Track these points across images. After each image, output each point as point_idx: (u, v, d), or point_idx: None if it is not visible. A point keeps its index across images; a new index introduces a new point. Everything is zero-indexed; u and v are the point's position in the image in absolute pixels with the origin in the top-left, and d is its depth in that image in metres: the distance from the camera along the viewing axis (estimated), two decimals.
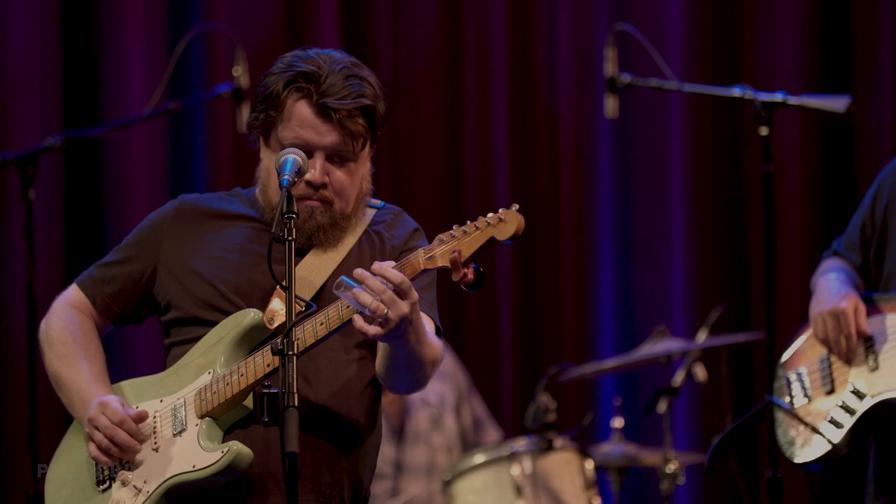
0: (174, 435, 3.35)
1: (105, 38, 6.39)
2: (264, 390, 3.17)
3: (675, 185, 7.05)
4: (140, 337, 6.12)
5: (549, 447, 5.86)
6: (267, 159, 3.41)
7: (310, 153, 3.32)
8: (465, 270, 3.09)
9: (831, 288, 4.27)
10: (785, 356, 4.43)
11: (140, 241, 3.52)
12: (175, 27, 6.40)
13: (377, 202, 3.52)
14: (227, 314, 3.37)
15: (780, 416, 4.36)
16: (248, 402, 3.31)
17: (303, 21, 6.81)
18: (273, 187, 3.38)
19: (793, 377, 4.37)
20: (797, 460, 4.28)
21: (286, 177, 3.19)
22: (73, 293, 3.56)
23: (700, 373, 5.93)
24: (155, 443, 3.37)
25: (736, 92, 4.95)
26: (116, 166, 6.36)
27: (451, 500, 5.92)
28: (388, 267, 3.10)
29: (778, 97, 4.85)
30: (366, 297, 3.07)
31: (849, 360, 4.23)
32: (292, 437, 3.01)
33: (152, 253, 3.49)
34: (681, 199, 7.04)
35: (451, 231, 3.12)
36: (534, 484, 5.84)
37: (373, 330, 3.10)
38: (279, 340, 3.09)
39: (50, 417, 5.24)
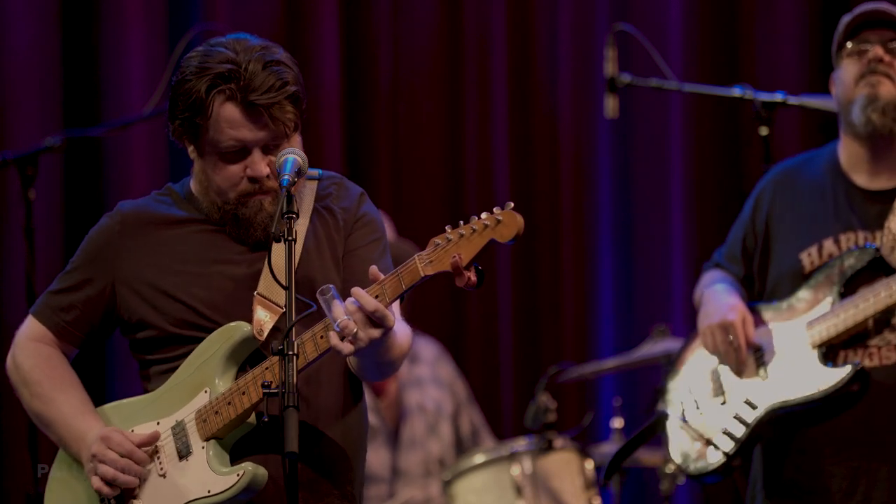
0: (180, 459, 3.30)
1: (105, 38, 6.39)
2: (264, 391, 3.16)
3: (675, 185, 7.05)
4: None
5: (549, 447, 5.86)
6: (201, 162, 3.35)
7: (247, 150, 3.28)
8: (468, 274, 3.07)
9: (718, 300, 4.28)
10: (674, 370, 4.45)
11: (91, 261, 3.45)
12: (175, 27, 6.40)
13: (314, 172, 3.47)
14: (206, 329, 3.32)
15: (672, 429, 4.37)
16: (252, 418, 3.27)
17: (303, 21, 6.81)
18: (215, 188, 3.32)
19: (684, 390, 4.38)
20: (692, 473, 4.30)
21: (286, 177, 3.15)
22: (32, 326, 3.49)
23: None
24: (161, 469, 3.32)
25: (736, 92, 4.95)
26: (116, 166, 6.36)
27: (451, 500, 5.92)
28: (366, 294, 3.07)
29: (778, 97, 4.85)
30: (339, 312, 3.06)
31: (739, 372, 4.24)
32: (292, 438, 2.99)
33: (106, 272, 3.42)
34: (681, 199, 7.03)
35: (446, 234, 3.09)
36: (534, 484, 5.84)
37: (346, 348, 3.08)
38: (278, 341, 3.07)
39: None
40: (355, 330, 3.05)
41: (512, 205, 3.06)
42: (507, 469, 5.86)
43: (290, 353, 3.05)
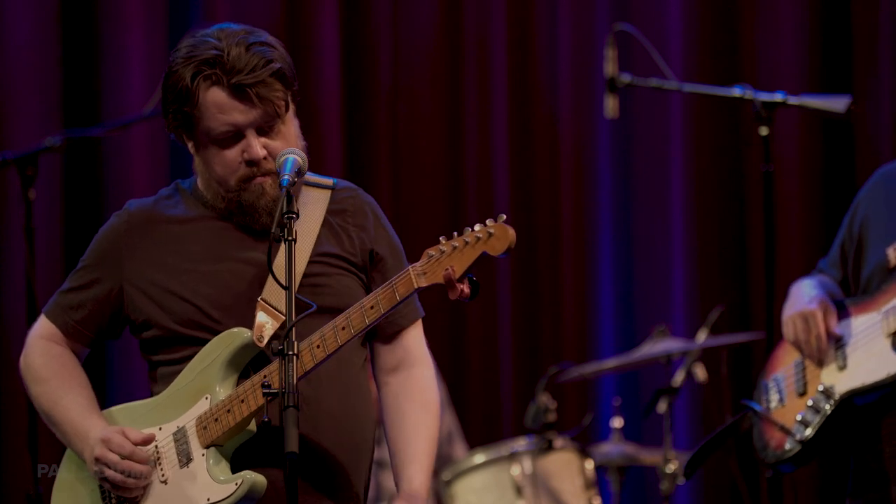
0: (181, 466, 3.30)
1: (105, 38, 6.38)
2: (264, 391, 3.16)
3: (675, 185, 7.05)
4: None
5: (549, 447, 5.86)
6: (200, 155, 3.34)
7: (240, 133, 3.27)
8: (461, 286, 3.08)
9: (803, 293, 4.35)
10: (766, 365, 4.50)
11: (99, 260, 3.45)
12: (175, 27, 6.40)
13: (328, 181, 3.46)
14: (211, 330, 3.32)
15: (755, 421, 4.41)
16: (252, 426, 3.27)
17: (303, 21, 6.81)
18: (216, 177, 3.31)
19: (770, 384, 4.44)
20: (769, 462, 4.34)
21: (286, 177, 3.15)
22: (43, 325, 3.50)
23: (700, 373, 5.94)
24: (163, 475, 3.32)
25: (736, 92, 4.95)
26: (116, 166, 6.36)
27: (451, 501, 5.92)
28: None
29: (778, 97, 4.85)
30: None
31: (820, 362, 4.29)
32: (293, 437, 3.00)
33: (114, 271, 3.42)
34: (681, 199, 7.03)
35: (440, 245, 3.09)
36: (534, 484, 5.84)
37: None
38: (279, 341, 3.07)
39: None
40: None
41: (504, 217, 3.07)
42: (507, 469, 5.86)
43: (291, 353, 3.05)
